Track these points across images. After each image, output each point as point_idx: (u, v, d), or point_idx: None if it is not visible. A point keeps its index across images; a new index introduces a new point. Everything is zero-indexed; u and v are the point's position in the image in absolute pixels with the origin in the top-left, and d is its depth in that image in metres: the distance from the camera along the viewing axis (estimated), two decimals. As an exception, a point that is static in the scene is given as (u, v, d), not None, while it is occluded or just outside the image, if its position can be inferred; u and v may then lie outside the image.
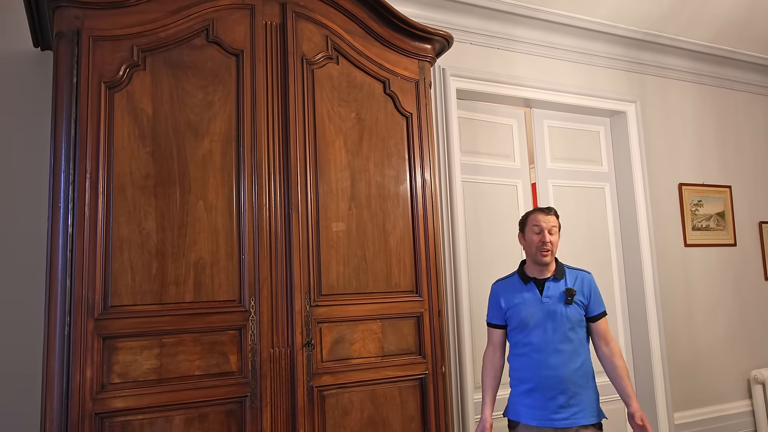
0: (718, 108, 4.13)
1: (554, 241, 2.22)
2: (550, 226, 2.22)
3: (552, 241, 2.21)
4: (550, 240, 2.20)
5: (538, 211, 2.28)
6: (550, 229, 2.22)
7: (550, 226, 2.22)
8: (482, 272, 3.11)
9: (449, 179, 3.03)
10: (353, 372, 2.07)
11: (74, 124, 1.81)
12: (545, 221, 2.23)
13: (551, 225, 2.23)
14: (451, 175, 3.03)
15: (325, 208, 2.12)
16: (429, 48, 2.43)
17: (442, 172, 3.02)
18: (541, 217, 2.25)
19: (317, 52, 2.19)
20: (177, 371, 1.83)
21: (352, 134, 2.22)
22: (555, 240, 2.22)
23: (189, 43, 2.00)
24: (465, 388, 2.88)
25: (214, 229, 1.94)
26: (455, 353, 2.90)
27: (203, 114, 1.98)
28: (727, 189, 4.03)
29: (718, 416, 3.67)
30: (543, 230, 2.22)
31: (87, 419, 1.70)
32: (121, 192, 1.84)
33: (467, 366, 2.90)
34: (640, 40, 3.71)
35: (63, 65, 1.83)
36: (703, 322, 3.76)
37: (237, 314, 1.93)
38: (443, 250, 2.93)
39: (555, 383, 2.13)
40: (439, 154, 3.03)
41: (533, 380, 2.17)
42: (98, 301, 1.76)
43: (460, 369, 2.89)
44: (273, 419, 1.93)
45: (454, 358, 2.89)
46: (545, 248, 2.20)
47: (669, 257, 3.69)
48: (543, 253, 2.20)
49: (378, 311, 2.15)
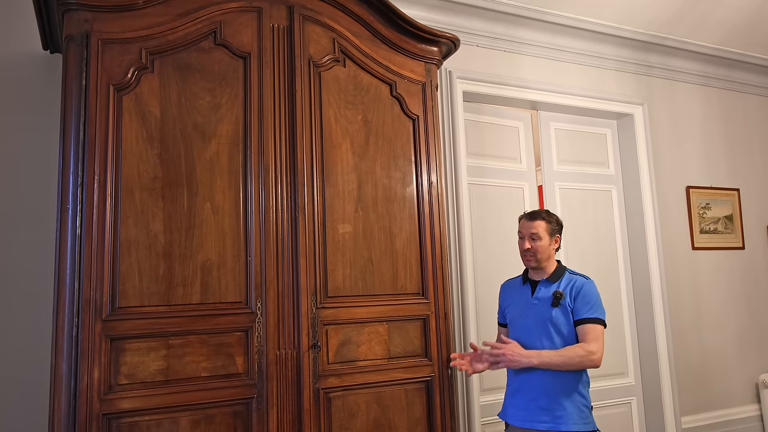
0: (726, 110, 4.11)
1: (538, 246, 2.22)
2: (530, 233, 2.23)
3: (535, 246, 2.22)
4: (530, 246, 2.22)
5: (524, 217, 2.31)
6: (531, 235, 2.23)
7: (530, 232, 2.23)
8: (488, 275, 3.10)
9: (455, 181, 3.03)
10: (359, 374, 2.07)
11: (83, 127, 1.82)
12: (526, 228, 2.26)
13: (531, 231, 2.23)
14: (458, 178, 3.03)
15: (332, 210, 2.12)
16: (436, 50, 2.43)
17: (449, 175, 3.02)
18: (523, 223, 2.29)
19: (324, 54, 2.19)
20: (184, 372, 1.84)
21: (358, 136, 2.22)
22: (539, 245, 2.22)
23: (197, 45, 2.01)
24: (471, 390, 2.88)
25: (221, 231, 1.95)
26: (461, 356, 2.89)
27: (211, 116, 1.99)
28: (736, 192, 4.01)
29: (726, 420, 3.64)
30: (524, 237, 2.25)
31: (95, 420, 1.71)
32: (129, 194, 1.85)
33: (473, 369, 2.89)
34: (647, 43, 3.70)
35: (72, 68, 1.84)
36: (711, 326, 3.74)
37: (243, 316, 1.93)
38: (449, 253, 2.93)
39: (535, 384, 2.13)
40: (446, 156, 3.03)
41: (516, 380, 2.21)
42: (106, 303, 1.77)
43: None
44: (279, 421, 1.93)
45: (460, 361, 2.88)
46: (526, 255, 2.25)
47: (676, 260, 3.67)
48: (525, 259, 2.27)
49: (384, 313, 2.15)
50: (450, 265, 2.92)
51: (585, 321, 2.16)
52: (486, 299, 3.02)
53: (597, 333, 2.14)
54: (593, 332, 2.13)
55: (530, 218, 2.27)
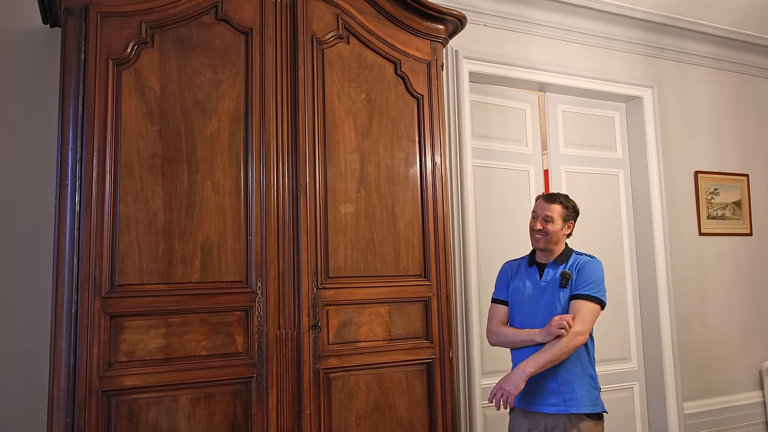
0: (738, 94, 4.03)
1: (550, 229, 2.19)
2: (544, 214, 2.20)
3: (546, 228, 2.19)
4: (541, 227, 2.19)
5: (541, 198, 2.28)
6: (545, 217, 2.20)
7: (544, 213, 2.20)
8: (492, 257, 3.08)
9: (460, 163, 2.99)
10: (360, 355, 2.06)
11: (82, 102, 1.80)
12: (541, 208, 2.22)
13: (546, 213, 2.20)
14: (462, 159, 2.99)
15: (334, 189, 2.10)
16: (441, 28, 2.38)
17: (453, 156, 2.98)
18: (539, 204, 2.25)
19: (328, 31, 2.15)
20: (183, 351, 1.83)
21: (361, 115, 2.18)
22: (552, 228, 2.19)
23: (198, 20, 1.97)
24: (472, 373, 2.87)
25: (222, 209, 1.93)
26: (463, 338, 2.88)
27: (211, 93, 1.96)
28: (745, 178, 3.95)
29: (729, 407, 3.63)
30: (537, 217, 2.22)
31: (94, 397, 1.71)
32: (129, 171, 1.83)
33: (475, 351, 2.89)
34: (658, 24, 3.62)
35: (71, 41, 1.81)
36: (716, 312, 3.71)
37: (244, 295, 1.92)
38: (452, 235, 2.91)
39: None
40: (450, 137, 2.99)
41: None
42: (105, 280, 1.76)
43: (468, 354, 2.88)
44: (279, 400, 1.93)
45: (461, 343, 2.88)
46: (535, 235, 2.21)
47: (683, 246, 3.63)
48: (534, 239, 2.23)
49: (386, 295, 2.13)
50: (453, 248, 2.90)
51: (578, 297, 2.12)
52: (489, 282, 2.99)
53: (587, 311, 2.09)
54: (583, 310, 2.08)
55: (548, 200, 2.24)
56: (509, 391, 2.02)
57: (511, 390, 2.02)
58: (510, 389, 2.02)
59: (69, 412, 1.68)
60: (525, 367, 2.04)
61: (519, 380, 2.03)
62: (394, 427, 2.09)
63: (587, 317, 2.08)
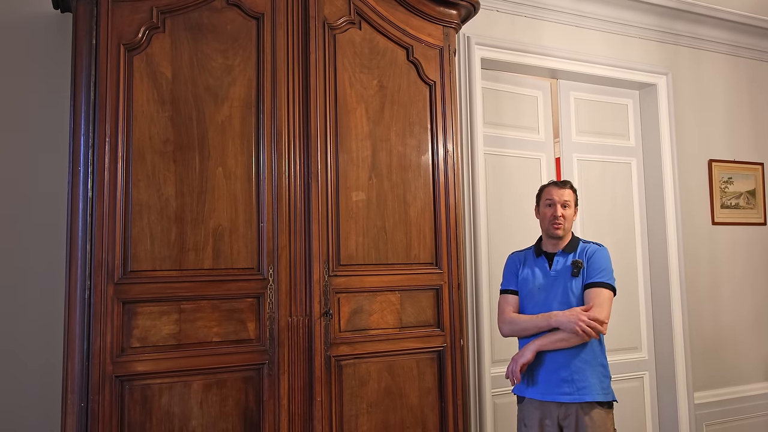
0: (754, 82, 3.97)
1: (567, 215, 2.19)
2: (563, 200, 2.19)
3: (564, 215, 2.18)
4: (562, 214, 2.18)
5: (552, 185, 2.26)
6: (564, 203, 2.19)
7: (563, 200, 2.19)
8: (503, 246, 3.06)
9: (471, 151, 2.97)
10: (371, 343, 2.06)
11: (93, 87, 1.79)
12: (558, 195, 2.20)
13: (564, 199, 2.19)
14: (474, 147, 2.97)
15: (345, 177, 2.08)
16: (454, 14, 2.35)
17: (465, 144, 2.96)
18: (554, 191, 2.22)
19: (339, 16, 2.13)
20: (195, 337, 1.84)
21: (373, 102, 2.16)
22: (568, 214, 2.19)
23: (209, 5, 1.95)
24: (483, 361, 2.87)
25: (233, 196, 1.92)
26: (473, 327, 2.88)
27: (223, 78, 1.95)
28: (760, 166, 3.90)
29: (740, 397, 3.61)
30: (555, 203, 2.20)
31: (107, 382, 1.72)
32: (140, 156, 1.82)
33: (485, 339, 2.88)
34: (674, 9, 3.56)
35: (82, 27, 1.80)
36: (727, 302, 3.68)
37: (255, 282, 1.92)
38: (464, 223, 2.89)
39: (557, 355, 2.10)
40: (462, 124, 2.96)
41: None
42: (118, 266, 1.76)
43: (478, 342, 2.88)
44: (290, 387, 1.93)
45: (472, 332, 2.87)
46: (557, 222, 2.19)
47: (695, 235, 3.60)
48: (555, 226, 2.20)
49: (397, 283, 2.13)
50: (464, 236, 2.89)
51: (593, 285, 2.13)
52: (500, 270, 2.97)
53: (603, 298, 2.10)
54: (600, 297, 2.10)
55: (561, 186, 2.24)
56: (516, 360, 2.12)
57: (518, 359, 2.12)
58: (518, 359, 2.12)
59: (83, 397, 1.70)
60: (535, 340, 2.12)
61: (528, 351, 2.11)
62: (404, 415, 2.10)
63: (606, 303, 2.10)
